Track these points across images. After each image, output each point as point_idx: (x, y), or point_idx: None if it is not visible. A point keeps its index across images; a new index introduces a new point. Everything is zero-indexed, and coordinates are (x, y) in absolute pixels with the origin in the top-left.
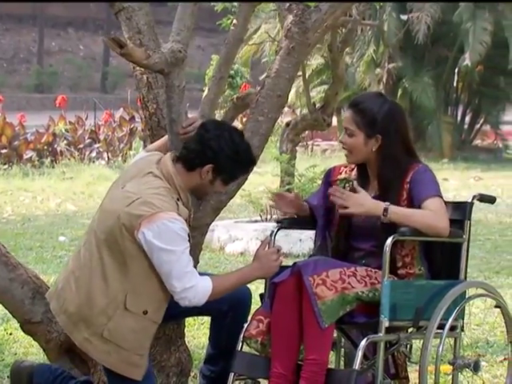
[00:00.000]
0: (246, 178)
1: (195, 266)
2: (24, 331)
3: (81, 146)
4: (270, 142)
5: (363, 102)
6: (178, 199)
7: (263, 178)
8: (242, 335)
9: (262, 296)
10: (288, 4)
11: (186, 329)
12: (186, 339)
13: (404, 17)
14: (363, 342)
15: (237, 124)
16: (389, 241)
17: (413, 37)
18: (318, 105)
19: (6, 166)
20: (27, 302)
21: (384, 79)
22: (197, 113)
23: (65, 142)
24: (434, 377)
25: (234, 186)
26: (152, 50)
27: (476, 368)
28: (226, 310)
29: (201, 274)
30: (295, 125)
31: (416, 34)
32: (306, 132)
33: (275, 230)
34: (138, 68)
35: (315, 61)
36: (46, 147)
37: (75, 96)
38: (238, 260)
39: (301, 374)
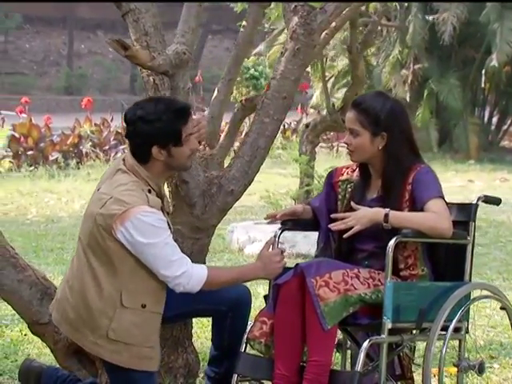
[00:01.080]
0: (252, 180)
1: None
2: (32, 332)
3: (106, 147)
4: (295, 142)
5: (365, 101)
6: (149, 190)
7: (288, 180)
8: (245, 336)
9: (266, 297)
10: (293, 6)
11: (199, 330)
12: (199, 340)
13: (430, 18)
14: (365, 344)
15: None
16: (391, 242)
17: (439, 38)
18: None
19: (32, 168)
20: (35, 303)
21: (409, 80)
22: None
23: (90, 143)
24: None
25: (241, 187)
26: (158, 52)
27: (480, 370)
28: (226, 310)
29: None
30: (314, 126)
31: (442, 35)
32: (332, 133)
33: (279, 232)
34: (144, 70)
35: (341, 62)
36: (71, 149)
37: (104, 98)
38: None
39: (304, 375)
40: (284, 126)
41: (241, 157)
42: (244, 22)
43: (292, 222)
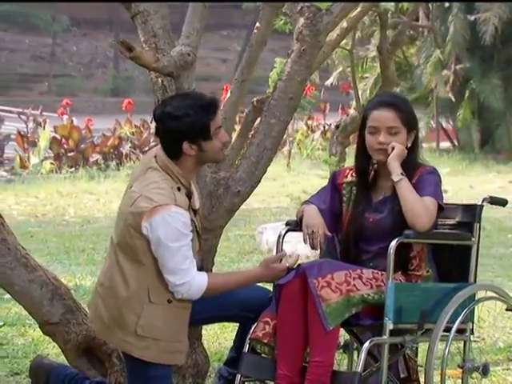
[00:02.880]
0: (259, 181)
1: (210, 269)
2: (43, 332)
3: (146, 148)
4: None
5: (396, 99)
6: (178, 188)
7: (324, 181)
8: (248, 337)
9: (270, 298)
10: (299, 7)
11: (219, 330)
12: (218, 341)
13: (471, 17)
14: (366, 345)
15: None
16: (393, 243)
17: (480, 38)
18: None
19: (72, 169)
20: (46, 303)
21: (451, 81)
22: None
23: (130, 145)
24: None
25: (248, 188)
26: (163, 54)
27: (485, 372)
28: (254, 317)
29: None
30: (344, 127)
31: (483, 35)
32: None
33: (283, 232)
34: (152, 72)
35: None
36: (111, 150)
37: (151, 100)
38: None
39: (306, 375)
40: (324, 127)
41: (247, 158)
42: (257, 24)
43: (296, 222)
